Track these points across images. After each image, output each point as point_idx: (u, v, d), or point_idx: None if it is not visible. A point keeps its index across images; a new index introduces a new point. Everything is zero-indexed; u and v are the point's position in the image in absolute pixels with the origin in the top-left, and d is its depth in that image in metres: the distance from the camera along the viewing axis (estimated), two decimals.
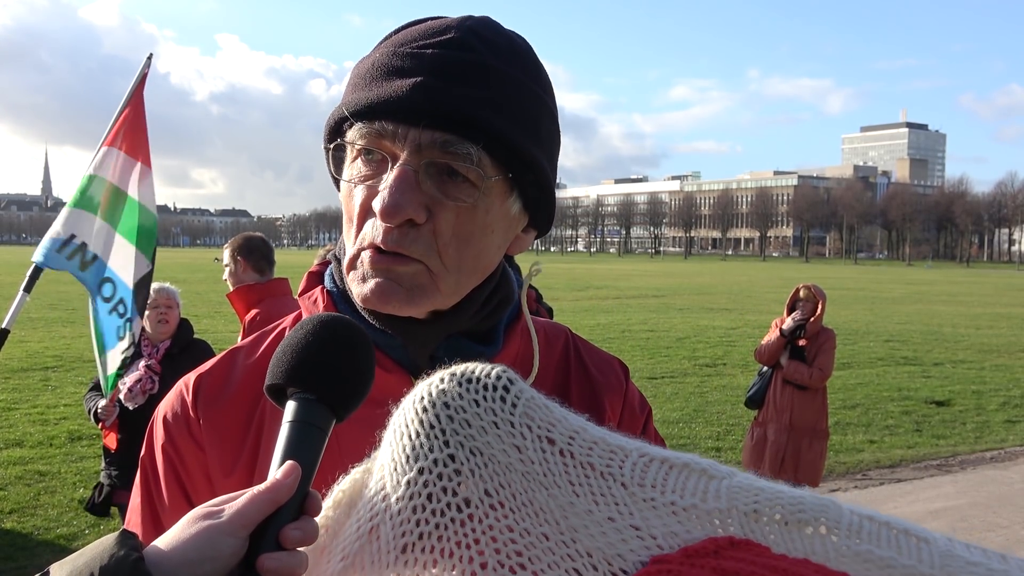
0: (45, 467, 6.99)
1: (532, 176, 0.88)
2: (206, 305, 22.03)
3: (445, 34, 0.84)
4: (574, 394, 1.01)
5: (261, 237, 4.67)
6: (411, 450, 0.65)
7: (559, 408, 0.67)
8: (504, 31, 0.89)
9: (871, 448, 8.46)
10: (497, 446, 0.64)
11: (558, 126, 0.93)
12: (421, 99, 0.80)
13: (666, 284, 39.68)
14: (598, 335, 16.85)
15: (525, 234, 0.95)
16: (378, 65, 0.84)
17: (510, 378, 0.67)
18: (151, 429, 0.94)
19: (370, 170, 0.85)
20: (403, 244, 0.83)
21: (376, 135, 0.82)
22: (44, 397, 9.77)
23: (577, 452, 0.65)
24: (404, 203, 0.80)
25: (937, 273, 74.32)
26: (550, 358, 1.03)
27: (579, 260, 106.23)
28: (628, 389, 1.07)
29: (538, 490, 0.63)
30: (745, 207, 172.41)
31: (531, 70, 0.88)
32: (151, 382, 4.45)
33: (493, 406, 0.65)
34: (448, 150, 0.81)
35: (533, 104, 0.87)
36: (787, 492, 0.62)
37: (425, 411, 0.65)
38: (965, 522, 6.29)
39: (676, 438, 8.45)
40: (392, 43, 0.86)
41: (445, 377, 0.67)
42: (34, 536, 5.52)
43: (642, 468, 0.65)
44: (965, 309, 27.07)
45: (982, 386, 12.05)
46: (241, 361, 0.96)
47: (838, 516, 0.61)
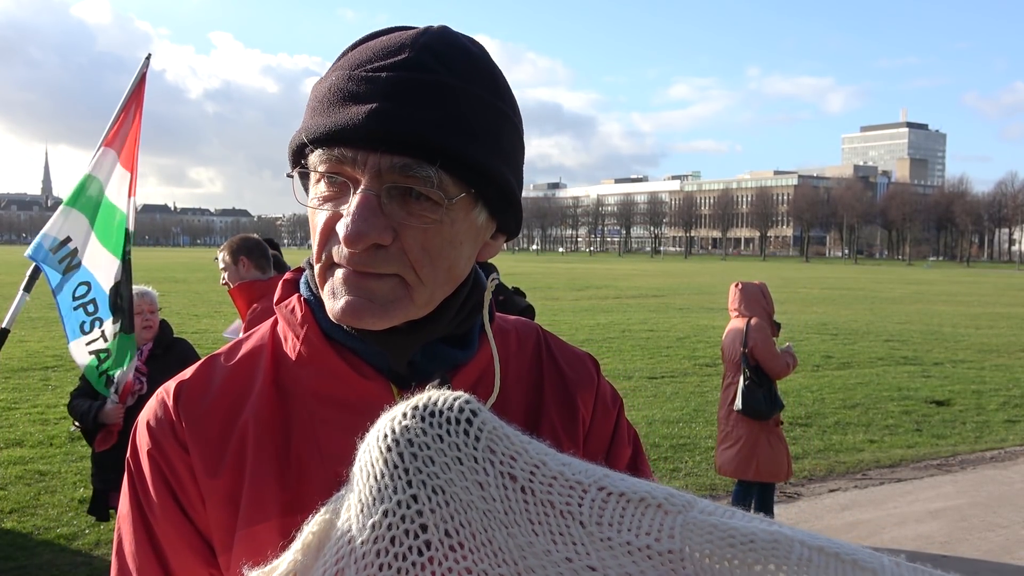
0: (45, 467, 6.99)
1: (496, 189, 0.88)
2: (206, 305, 22.03)
3: (399, 54, 0.84)
4: (547, 392, 1.02)
5: (256, 237, 4.72)
6: (376, 492, 0.65)
7: (520, 437, 0.67)
8: (460, 43, 0.88)
9: (871, 448, 8.46)
10: (459, 483, 0.64)
11: (521, 133, 0.94)
12: (377, 126, 0.80)
13: (666, 284, 39.68)
14: (598, 335, 16.86)
15: (494, 240, 0.95)
16: (334, 90, 0.84)
17: (473, 409, 0.67)
18: (134, 436, 0.94)
19: (332, 192, 0.85)
20: (372, 264, 0.83)
21: (336, 161, 0.83)
22: (44, 397, 9.78)
23: (538, 489, 0.65)
24: (367, 229, 0.80)
25: (937, 273, 74.32)
26: (523, 358, 1.04)
27: (579, 260, 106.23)
28: (600, 384, 1.08)
29: (498, 529, 0.64)
30: (745, 207, 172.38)
31: (489, 82, 0.88)
32: (138, 383, 4.52)
33: (456, 440, 0.65)
34: (408, 173, 0.81)
35: (493, 117, 0.87)
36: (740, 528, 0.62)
37: (389, 450, 0.65)
38: (965, 522, 6.29)
39: (676, 438, 8.44)
40: (348, 65, 0.86)
41: (408, 412, 0.67)
42: (34, 536, 5.52)
43: (600, 505, 0.65)
44: (965, 309, 27.07)
45: (982, 386, 12.04)
46: (220, 367, 0.96)
47: (788, 551, 0.61)
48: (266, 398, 0.92)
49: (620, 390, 1.16)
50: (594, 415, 1.05)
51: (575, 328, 18.08)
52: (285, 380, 0.93)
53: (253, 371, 0.94)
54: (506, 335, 1.04)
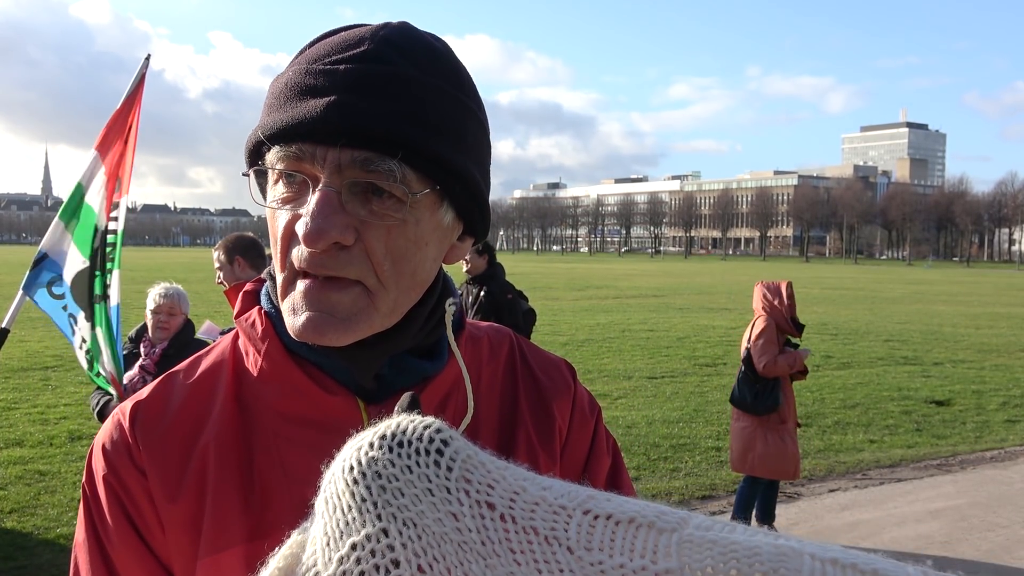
0: (45, 467, 6.98)
1: (461, 185, 0.84)
2: (206, 305, 21.99)
3: (359, 47, 0.81)
4: (523, 402, 0.98)
5: (252, 236, 4.69)
6: (344, 525, 0.61)
7: (496, 463, 0.64)
8: (422, 37, 0.85)
9: (871, 448, 8.46)
10: (431, 515, 0.61)
11: (487, 130, 0.90)
12: (336, 118, 0.77)
13: (666, 284, 39.68)
14: (598, 335, 16.85)
15: (461, 242, 0.92)
16: (291, 84, 0.81)
17: (444, 438, 0.63)
18: (90, 461, 0.90)
19: (292, 192, 0.81)
20: (333, 267, 0.79)
21: (295, 158, 0.79)
22: (44, 397, 9.77)
23: (519, 516, 0.61)
24: (327, 227, 0.77)
25: (937, 273, 74.32)
26: (496, 366, 1.00)
27: (579, 260, 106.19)
28: (577, 391, 1.03)
29: (475, 561, 0.60)
30: (745, 207, 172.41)
31: (451, 76, 0.85)
32: (143, 382, 4.45)
33: (427, 471, 0.61)
34: (370, 168, 0.78)
35: (456, 112, 0.84)
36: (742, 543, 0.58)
37: (356, 483, 0.61)
38: (965, 522, 6.29)
39: (676, 438, 8.44)
40: (305, 59, 0.83)
41: (375, 442, 0.63)
42: (34, 536, 5.51)
43: (587, 529, 0.60)
44: (965, 309, 27.06)
45: (982, 386, 12.04)
46: (179, 384, 0.92)
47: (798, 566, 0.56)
48: (227, 417, 0.88)
49: (620, 390, 1.15)
50: (571, 425, 1.01)
51: (575, 328, 18.07)
52: (247, 397, 0.90)
53: (213, 389, 0.90)
54: (478, 342, 1.00)
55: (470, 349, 0.97)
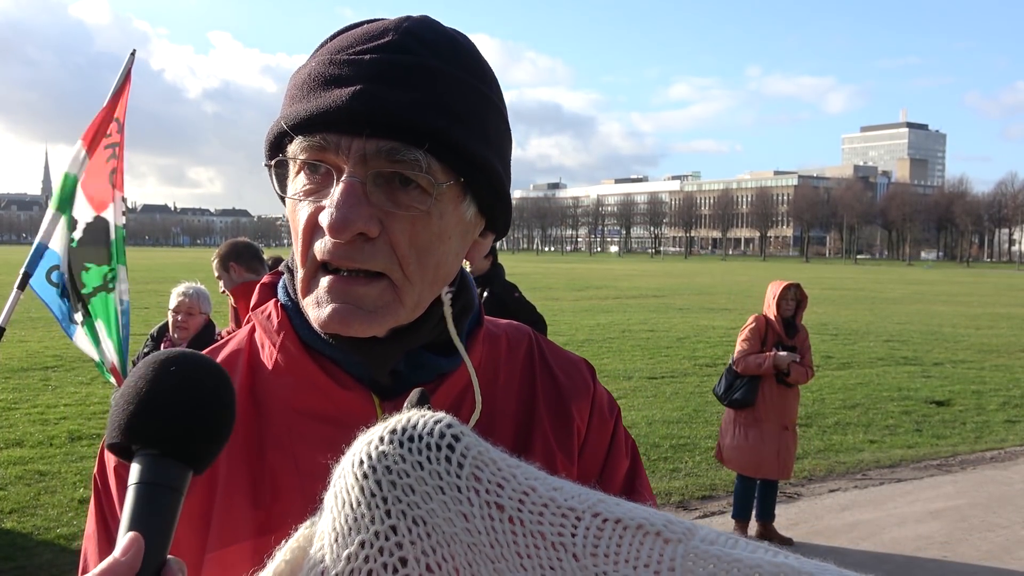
0: (45, 467, 6.98)
1: (484, 178, 0.84)
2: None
3: (383, 37, 0.80)
4: (540, 401, 0.97)
5: (245, 241, 4.72)
6: (352, 520, 0.61)
7: (508, 461, 0.63)
8: (445, 30, 0.85)
9: (871, 448, 8.46)
10: (442, 514, 0.60)
11: (508, 124, 0.90)
12: (361, 107, 0.76)
13: (666, 284, 39.67)
14: (598, 335, 16.86)
15: (483, 238, 0.91)
16: (315, 75, 0.80)
17: (454, 434, 0.62)
18: (101, 452, 0.90)
19: (314, 184, 0.81)
20: (359, 258, 0.79)
21: (318, 148, 0.79)
22: (44, 397, 9.77)
23: (527, 519, 0.61)
24: (353, 217, 0.76)
25: (937, 273, 74.31)
26: (513, 364, 0.99)
27: (579, 260, 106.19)
28: (596, 391, 1.02)
29: (483, 564, 0.60)
30: (745, 207, 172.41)
31: (475, 69, 0.84)
32: None
33: (438, 468, 0.61)
34: (395, 158, 0.77)
35: (479, 104, 0.83)
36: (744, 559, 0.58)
37: (366, 477, 0.61)
38: (965, 522, 6.29)
39: (676, 438, 8.44)
40: (328, 51, 0.82)
41: (385, 436, 0.62)
42: (34, 536, 5.51)
43: (595, 534, 0.60)
44: (965, 309, 27.06)
45: (982, 386, 12.05)
46: None
47: None
48: (240, 412, 0.88)
49: (620, 390, 1.14)
50: (590, 425, 0.99)
51: (575, 328, 18.07)
52: (260, 391, 0.89)
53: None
54: (496, 340, 0.99)
55: (488, 346, 0.96)
